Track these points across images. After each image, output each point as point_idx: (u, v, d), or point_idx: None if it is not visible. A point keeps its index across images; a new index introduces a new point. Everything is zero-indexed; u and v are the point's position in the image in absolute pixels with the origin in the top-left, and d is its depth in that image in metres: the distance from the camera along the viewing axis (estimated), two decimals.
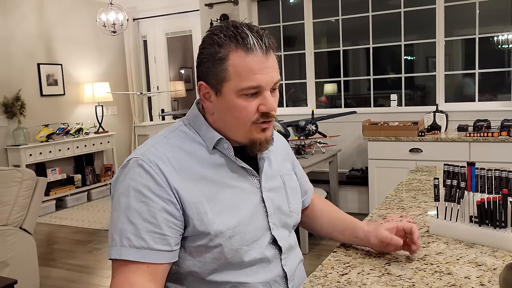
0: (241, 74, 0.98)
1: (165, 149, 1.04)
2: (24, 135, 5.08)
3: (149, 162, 1.00)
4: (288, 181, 1.21)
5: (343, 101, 4.73)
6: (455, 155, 3.50)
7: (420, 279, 1.04)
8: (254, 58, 0.98)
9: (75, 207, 5.56)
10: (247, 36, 0.98)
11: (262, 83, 1.00)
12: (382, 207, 1.62)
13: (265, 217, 1.11)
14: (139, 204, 0.97)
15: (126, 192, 0.98)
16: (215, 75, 1.01)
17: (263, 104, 1.02)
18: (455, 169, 1.32)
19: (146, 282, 0.94)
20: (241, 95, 1.00)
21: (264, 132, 1.07)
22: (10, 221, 2.92)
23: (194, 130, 1.09)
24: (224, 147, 1.07)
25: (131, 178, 0.99)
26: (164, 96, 6.65)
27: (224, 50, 0.99)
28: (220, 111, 1.05)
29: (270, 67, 1.01)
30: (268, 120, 1.05)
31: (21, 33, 5.27)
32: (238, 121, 1.03)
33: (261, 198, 1.11)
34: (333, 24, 4.71)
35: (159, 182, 0.98)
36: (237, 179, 1.08)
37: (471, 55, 4.14)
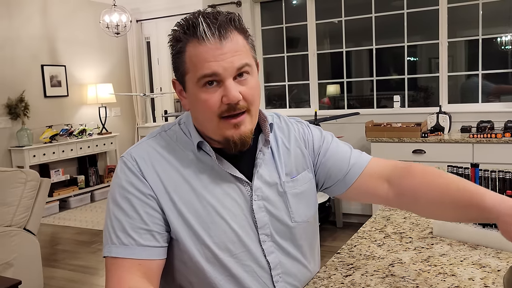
0: (195, 64, 0.94)
1: (150, 148, 1.02)
2: (27, 136, 5.09)
3: (131, 159, 1.00)
4: (291, 188, 1.07)
5: (346, 102, 4.73)
6: (458, 156, 3.49)
7: (424, 280, 1.04)
8: (205, 45, 0.92)
9: (78, 208, 5.58)
10: (198, 24, 0.93)
11: (217, 70, 0.92)
12: (385, 209, 1.62)
13: (254, 228, 1.01)
14: (123, 200, 0.96)
15: (112, 190, 0.99)
16: (178, 70, 0.99)
17: (225, 95, 0.93)
18: (459, 170, 1.32)
19: (138, 279, 0.91)
20: (201, 87, 0.94)
21: (236, 129, 0.96)
22: (14, 222, 2.94)
23: (187, 130, 1.04)
24: (206, 150, 1.01)
25: (117, 175, 1.00)
26: (167, 97, 6.66)
27: (181, 43, 0.96)
28: (191, 107, 1.01)
29: (228, 52, 0.93)
30: (236, 112, 0.95)
31: (25, 34, 5.29)
32: (204, 115, 0.97)
33: (251, 207, 1.02)
34: (336, 25, 4.71)
35: (140, 178, 0.97)
36: (224, 185, 1.01)
37: (474, 56, 4.13)
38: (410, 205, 1.05)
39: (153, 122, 6.71)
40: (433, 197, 0.97)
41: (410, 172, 1.04)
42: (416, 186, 1.01)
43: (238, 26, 0.97)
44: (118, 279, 0.91)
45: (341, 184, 1.11)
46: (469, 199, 0.91)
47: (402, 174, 1.04)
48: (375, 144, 3.85)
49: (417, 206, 1.03)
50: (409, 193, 1.02)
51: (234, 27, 0.96)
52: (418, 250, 1.22)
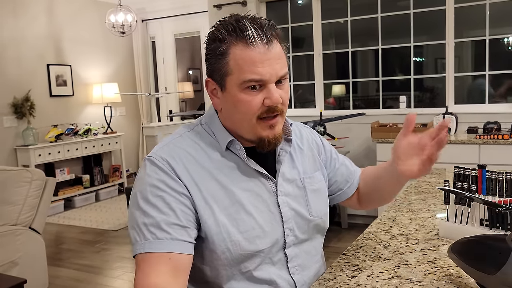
0: (242, 67, 0.96)
1: (178, 148, 1.04)
2: (33, 136, 5.11)
3: (161, 159, 1.01)
4: (309, 184, 1.16)
5: (351, 103, 4.71)
6: (464, 157, 3.47)
7: (430, 282, 1.03)
8: (254, 50, 0.96)
9: (83, 208, 5.59)
10: (246, 28, 0.96)
11: (264, 76, 0.96)
12: (391, 210, 1.61)
13: (280, 222, 1.07)
14: (156, 199, 0.97)
15: (143, 189, 0.99)
16: (218, 70, 1.00)
17: (267, 98, 0.98)
18: (465, 171, 1.31)
19: (165, 275, 0.92)
20: (244, 89, 0.98)
21: (271, 130, 1.02)
22: (20, 221, 2.95)
23: (210, 130, 1.08)
24: (236, 148, 1.05)
25: (147, 174, 1.00)
26: (172, 97, 6.67)
27: (225, 44, 0.98)
28: (226, 107, 1.03)
29: (273, 58, 0.97)
30: (274, 114, 1.01)
31: (31, 34, 5.31)
32: (243, 116, 1.00)
33: (276, 202, 1.07)
34: (342, 25, 4.70)
35: (173, 177, 0.99)
36: (251, 182, 1.05)
37: (481, 57, 4.11)
38: (366, 193, 1.29)
39: (158, 121, 6.72)
40: (372, 176, 1.27)
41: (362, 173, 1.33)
42: (364, 178, 1.30)
43: (278, 33, 1.01)
44: (147, 275, 0.92)
45: (343, 195, 1.28)
46: (384, 164, 1.20)
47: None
48: (381, 145, 3.83)
49: (367, 188, 1.28)
50: (362, 186, 1.30)
51: (276, 34, 1.00)
52: (424, 252, 1.21)
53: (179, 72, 7.48)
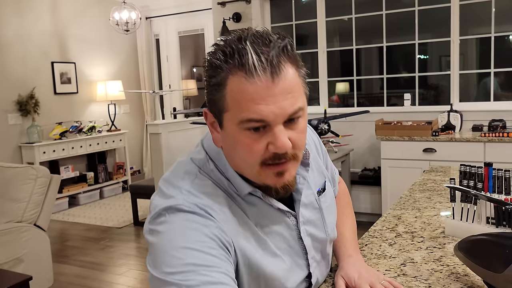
0: (239, 103, 0.78)
1: (206, 195, 0.85)
2: (38, 133, 5.13)
3: (199, 209, 0.82)
4: (323, 202, 1.04)
5: (355, 100, 4.70)
6: (469, 155, 3.46)
7: (436, 280, 1.03)
8: (255, 83, 0.76)
9: (87, 205, 5.61)
10: (246, 53, 0.76)
11: (267, 117, 0.77)
12: (396, 208, 1.60)
13: (303, 255, 0.97)
14: (200, 244, 0.77)
15: (180, 234, 0.78)
16: (215, 104, 0.83)
17: (272, 143, 0.79)
18: (471, 169, 1.30)
19: None
20: (244, 130, 0.79)
21: (279, 177, 0.84)
22: (25, 218, 2.96)
23: (220, 169, 0.90)
24: (259, 194, 0.89)
25: (184, 219, 0.80)
26: (176, 94, 6.67)
27: (222, 73, 0.79)
28: (226, 146, 0.86)
29: (280, 94, 0.77)
30: (281, 162, 0.82)
31: (35, 32, 5.32)
32: (244, 161, 0.83)
33: (298, 235, 0.96)
34: (346, 23, 4.68)
35: (218, 225, 0.82)
36: (273, 223, 0.91)
37: (486, 54, 4.09)
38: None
39: (162, 119, 6.72)
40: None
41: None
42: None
43: (291, 55, 0.81)
44: None
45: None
46: (338, 239, 1.11)
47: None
48: (385, 143, 3.82)
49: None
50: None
51: (287, 56, 0.80)
52: (430, 250, 1.21)
53: (183, 69, 7.48)
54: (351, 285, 0.99)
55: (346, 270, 1.03)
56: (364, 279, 0.98)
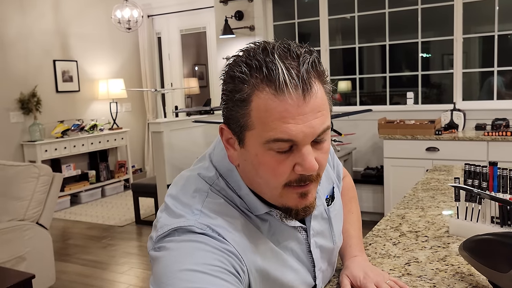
0: (266, 121, 0.72)
1: (219, 214, 0.80)
2: (40, 131, 5.13)
3: (211, 231, 0.77)
4: (332, 211, 1.00)
5: (358, 99, 4.69)
6: (472, 154, 3.45)
7: (441, 280, 1.02)
8: (285, 101, 0.71)
9: (89, 203, 5.61)
10: (277, 68, 0.70)
11: (296, 136, 0.72)
12: (400, 207, 1.59)
13: (311, 267, 0.94)
14: (211, 269, 0.71)
15: (190, 254, 0.73)
16: (236, 120, 0.76)
17: (299, 164, 0.75)
18: (476, 169, 1.29)
19: None
20: (269, 150, 0.74)
21: (302, 199, 0.80)
22: (27, 216, 2.96)
23: (231, 187, 0.85)
24: (273, 214, 0.85)
25: (191, 240, 0.75)
26: (178, 93, 6.67)
27: (246, 88, 0.73)
28: (245, 165, 0.81)
29: (310, 112, 0.72)
30: (306, 183, 0.78)
31: (37, 30, 5.32)
32: (266, 182, 0.78)
33: (308, 249, 0.93)
34: (348, 21, 4.67)
35: (232, 250, 0.76)
36: (285, 240, 0.88)
37: (489, 53, 4.07)
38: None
39: (164, 117, 6.72)
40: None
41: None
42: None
43: (320, 70, 0.76)
44: None
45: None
46: (343, 238, 1.08)
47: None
48: (388, 141, 3.81)
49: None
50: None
51: (316, 72, 0.75)
52: (435, 249, 1.20)
53: (185, 68, 7.47)
54: (356, 284, 0.98)
55: (351, 269, 1.02)
56: (369, 279, 0.97)
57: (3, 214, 2.95)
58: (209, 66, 6.42)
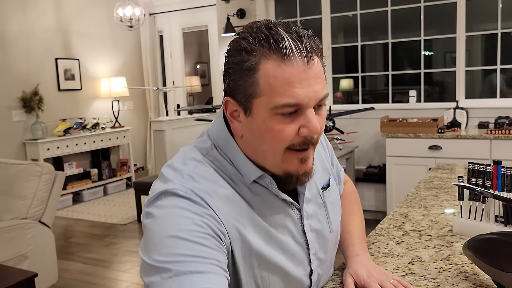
0: (275, 88, 0.78)
1: (206, 181, 0.85)
2: (42, 130, 5.14)
3: (194, 195, 0.81)
4: (328, 197, 1.03)
5: (360, 97, 4.68)
6: (475, 152, 3.44)
7: (444, 279, 1.02)
8: (292, 66, 0.77)
9: (91, 201, 5.62)
10: (282, 38, 0.78)
11: (302, 100, 0.79)
12: (403, 206, 1.59)
13: (306, 250, 0.95)
14: (191, 235, 0.77)
15: (173, 221, 0.78)
16: (243, 90, 0.81)
17: (304, 126, 0.81)
18: (480, 167, 1.29)
19: None
20: (276, 115, 0.80)
21: (302, 164, 0.85)
22: (30, 214, 2.96)
23: (227, 157, 0.89)
24: (266, 182, 0.89)
25: (177, 206, 0.80)
26: (180, 91, 6.67)
27: (254, 57, 0.79)
28: (250, 134, 0.85)
29: (313, 78, 0.79)
30: (307, 147, 0.84)
31: (39, 28, 5.32)
32: (270, 147, 0.83)
33: (302, 229, 0.95)
34: (350, 19, 4.66)
35: (211, 213, 0.81)
36: (278, 215, 0.91)
37: (491, 51, 4.06)
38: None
39: (166, 116, 6.72)
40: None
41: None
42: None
43: (318, 46, 0.83)
44: None
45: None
46: (346, 238, 1.11)
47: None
48: (390, 140, 3.80)
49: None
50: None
51: (315, 45, 0.82)
52: (438, 248, 1.20)
53: (187, 66, 7.47)
54: (360, 283, 0.98)
55: (355, 268, 1.02)
56: (373, 278, 0.97)
57: (6, 212, 2.95)
58: (211, 64, 6.41)
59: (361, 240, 1.11)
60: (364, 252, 1.08)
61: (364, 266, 1.02)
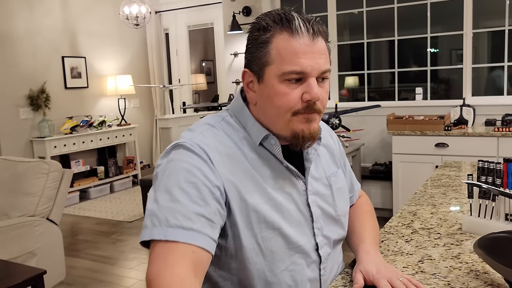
0: (283, 57, 0.93)
1: (213, 138, 0.98)
2: (49, 127, 5.16)
3: (197, 147, 0.94)
4: (334, 182, 1.13)
5: (366, 95, 4.67)
6: (482, 150, 3.42)
7: (455, 277, 1.01)
8: (299, 40, 0.92)
9: (98, 199, 5.64)
10: (293, 18, 0.93)
11: (306, 68, 0.93)
12: (411, 204, 1.59)
13: (310, 222, 1.04)
14: (189, 185, 0.89)
15: (175, 173, 0.91)
16: (258, 60, 0.96)
17: (307, 92, 0.94)
18: (490, 165, 1.28)
19: (188, 268, 0.82)
20: (283, 81, 0.94)
21: (308, 124, 0.97)
22: (38, 212, 2.98)
23: (239, 123, 1.03)
24: (271, 143, 1.00)
25: (181, 160, 0.93)
26: (186, 89, 6.67)
27: (269, 33, 0.95)
28: (262, 100, 0.99)
29: (317, 52, 0.94)
30: (312, 112, 0.96)
31: (46, 26, 5.34)
32: (279, 110, 0.96)
33: (306, 201, 1.04)
34: (356, 16, 4.64)
35: (211, 166, 0.92)
36: (282, 181, 1.01)
37: (498, 48, 4.03)
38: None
39: (172, 113, 6.73)
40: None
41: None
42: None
43: (324, 30, 0.98)
44: (171, 265, 0.82)
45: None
46: (356, 237, 1.16)
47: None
48: (397, 137, 3.79)
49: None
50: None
51: (322, 28, 0.97)
52: (448, 247, 1.19)
53: (192, 64, 7.48)
54: (369, 279, 0.99)
55: (365, 264, 1.03)
56: (382, 274, 0.98)
57: (14, 210, 2.97)
58: (217, 62, 6.42)
59: (373, 241, 1.14)
60: (374, 250, 1.09)
61: (374, 262, 1.03)
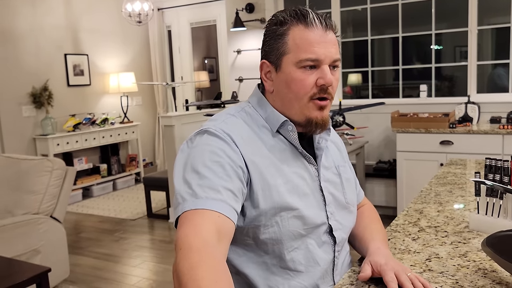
0: (299, 46, 1.03)
1: (235, 124, 1.07)
2: (51, 125, 5.16)
3: (223, 132, 1.03)
4: (343, 172, 1.21)
5: (370, 92, 4.65)
6: (487, 148, 3.40)
7: (463, 276, 1.01)
8: (313, 31, 1.03)
9: (101, 197, 5.65)
10: (307, 13, 1.04)
11: (320, 56, 1.03)
12: (418, 202, 1.58)
13: (323, 205, 1.11)
14: (214, 164, 0.97)
15: (200, 154, 1.00)
16: (275, 50, 1.06)
17: (321, 78, 1.04)
18: (497, 163, 1.27)
19: (212, 231, 0.87)
20: (300, 68, 1.03)
21: (321, 111, 1.07)
22: (41, 209, 2.98)
23: (258, 113, 1.12)
24: (288, 129, 1.09)
25: (206, 143, 1.01)
26: (188, 86, 6.66)
27: (285, 25, 1.05)
28: (279, 88, 1.08)
29: (329, 42, 1.04)
30: (325, 96, 1.06)
31: (48, 24, 5.33)
32: (296, 95, 1.05)
33: (319, 186, 1.12)
34: (360, 13, 4.62)
35: (234, 148, 1.01)
36: (297, 165, 1.10)
37: (502, 45, 4.00)
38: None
39: (175, 111, 6.71)
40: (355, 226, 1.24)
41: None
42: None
43: (335, 26, 1.09)
44: (196, 227, 0.87)
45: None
46: (364, 235, 1.19)
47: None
48: (401, 135, 3.77)
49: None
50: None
51: (333, 25, 1.07)
52: (455, 245, 1.18)
53: (195, 61, 7.46)
54: (376, 269, 1.00)
55: (374, 256, 1.05)
56: (390, 266, 0.98)
57: (18, 207, 2.97)
58: (220, 59, 6.39)
59: (382, 240, 1.16)
60: (384, 247, 1.11)
61: (383, 255, 1.04)
